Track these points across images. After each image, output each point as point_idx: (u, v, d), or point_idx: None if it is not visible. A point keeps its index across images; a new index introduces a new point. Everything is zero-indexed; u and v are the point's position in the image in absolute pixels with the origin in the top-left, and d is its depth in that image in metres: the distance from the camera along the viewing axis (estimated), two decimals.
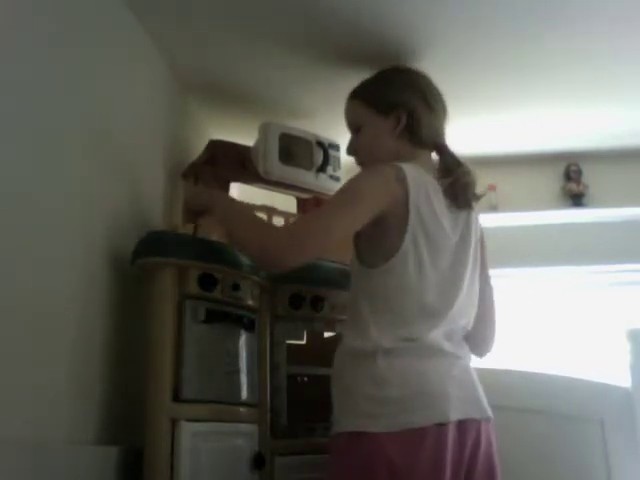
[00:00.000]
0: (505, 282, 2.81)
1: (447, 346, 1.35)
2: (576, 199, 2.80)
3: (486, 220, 2.71)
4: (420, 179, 1.38)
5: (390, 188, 1.34)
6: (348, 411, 1.31)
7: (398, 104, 1.49)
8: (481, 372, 1.43)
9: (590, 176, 2.79)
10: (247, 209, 1.69)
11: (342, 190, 1.40)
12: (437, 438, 1.24)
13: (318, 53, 1.88)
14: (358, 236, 1.41)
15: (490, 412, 1.37)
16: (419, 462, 1.21)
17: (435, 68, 1.70)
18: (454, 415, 1.27)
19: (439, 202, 1.40)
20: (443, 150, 1.51)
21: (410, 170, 1.37)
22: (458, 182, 1.44)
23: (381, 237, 1.35)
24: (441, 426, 1.24)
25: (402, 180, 1.34)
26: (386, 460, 1.21)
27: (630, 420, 1.90)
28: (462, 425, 1.28)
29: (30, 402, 1.20)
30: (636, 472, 1.87)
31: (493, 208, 2.78)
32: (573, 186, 2.80)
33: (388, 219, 1.34)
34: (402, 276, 1.33)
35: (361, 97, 1.56)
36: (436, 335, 1.34)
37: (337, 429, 1.32)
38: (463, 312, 1.42)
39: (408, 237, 1.33)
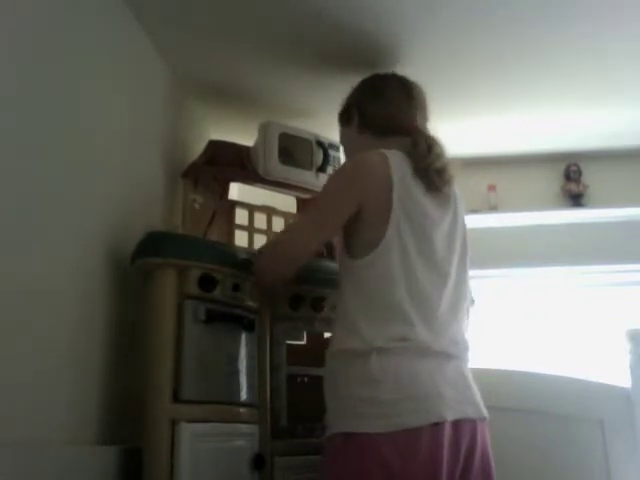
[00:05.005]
0: (505, 282, 2.82)
1: (439, 344, 1.33)
2: (576, 199, 2.80)
3: (486, 220, 2.75)
4: (401, 165, 1.39)
5: (370, 178, 1.36)
6: (342, 413, 1.31)
7: (350, 106, 1.59)
8: (481, 372, 1.42)
9: (590, 176, 2.80)
10: None
11: (320, 195, 1.46)
12: (433, 438, 1.23)
13: (317, 53, 1.88)
14: (344, 227, 1.41)
15: (486, 412, 1.36)
16: (415, 462, 1.21)
17: (435, 68, 1.71)
18: (449, 415, 1.26)
19: (418, 188, 1.39)
20: (413, 133, 1.48)
21: (393, 157, 1.39)
22: (430, 167, 1.41)
23: (366, 227, 1.35)
24: (437, 425, 1.24)
25: (387, 168, 1.36)
26: (381, 460, 1.21)
27: (630, 420, 1.89)
28: (458, 425, 1.28)
29: (30, 402, 1.20)
30: (636, 472, 1.86)
31: (493, 208, 2.79)
32: (573, 186, 2.80)
33: (371, 209, 1.34)
34: (386, 266, 1.33)
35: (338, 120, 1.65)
36: (427, 330, 1.32)
37: (332, 430, 1.32)
38: (454, 305, 1.40)
39: (391, 226, 1.33)
